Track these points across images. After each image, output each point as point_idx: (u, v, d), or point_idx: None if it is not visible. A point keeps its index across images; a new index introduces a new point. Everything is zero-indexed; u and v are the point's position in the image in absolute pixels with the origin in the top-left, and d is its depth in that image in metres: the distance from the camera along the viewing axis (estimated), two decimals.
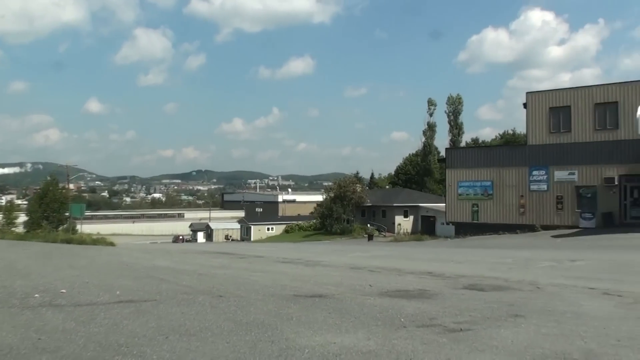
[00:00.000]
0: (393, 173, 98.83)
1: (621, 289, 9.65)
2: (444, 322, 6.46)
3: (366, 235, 53.37)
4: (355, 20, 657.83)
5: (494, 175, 36.98)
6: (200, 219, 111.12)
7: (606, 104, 33.06)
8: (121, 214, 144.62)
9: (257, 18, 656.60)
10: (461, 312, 7.21)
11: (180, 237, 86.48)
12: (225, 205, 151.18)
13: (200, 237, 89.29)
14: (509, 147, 45.15)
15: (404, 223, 62.45)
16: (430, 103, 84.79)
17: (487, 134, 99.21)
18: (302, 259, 18.38)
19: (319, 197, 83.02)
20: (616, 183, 32.19)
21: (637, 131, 27.21)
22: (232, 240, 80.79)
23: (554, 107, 34.90)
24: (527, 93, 36.48)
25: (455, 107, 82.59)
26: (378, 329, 5.97)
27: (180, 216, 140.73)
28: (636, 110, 28.30)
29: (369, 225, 60.37)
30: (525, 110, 36.14)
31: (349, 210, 63.47)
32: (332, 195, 66.54)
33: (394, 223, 62.03)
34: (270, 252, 24.32)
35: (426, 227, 56.90)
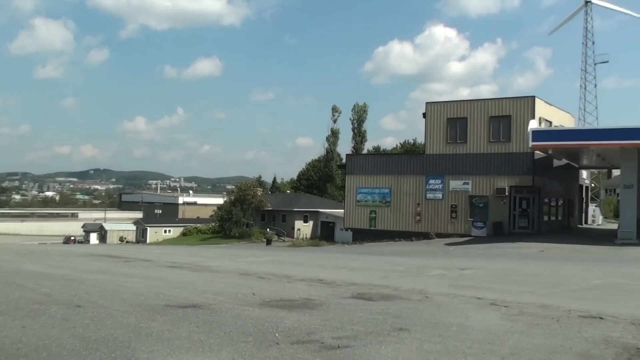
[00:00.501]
0: (295, 178, 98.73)
1: (507, 299, 9.53)
2: (322, 337, 5.92)
3: (265, 240, 52.71)
4: (266, 25, 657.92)
5: (392, 182, 37.37)
6: (95, 219, 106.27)
7: (500, 117, 34.18)
8: (9, 212, 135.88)
9: (165, 15, 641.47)
10: (343, 325, 6.71)
11: (72, 238, 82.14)
12: (122, 205, 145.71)
13: (94, 238, 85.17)
14: (407, 156, 45.93)
15: (303, 228, 62.24)
16: (335, 110, 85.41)
17: (389, 143, 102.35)
18: (192, 264, 17.52)
19: (221, 200, 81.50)
20: (507, 194, 33.33)
21: (528, 144, 28.16)
22: (127, 242, 77.65)
23: (452, 118, 35.73)
24: (426, 103, 37.18)
25: (360, 116, 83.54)
26: (246, 347, 5.34)
27: (74, 216, 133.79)
28: (528, 124, 29.32)
29: (268, 229, 59.66)
30: (424, 120, 36.78)
31: (249, 214, 62.53)
32: (233, 198, 65.34)
33: (293, 228, 61.65)
34: (161, 256, 23.24)
35: (326, 233, 56.90)
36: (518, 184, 33.60)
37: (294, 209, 64.00)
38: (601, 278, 13.00)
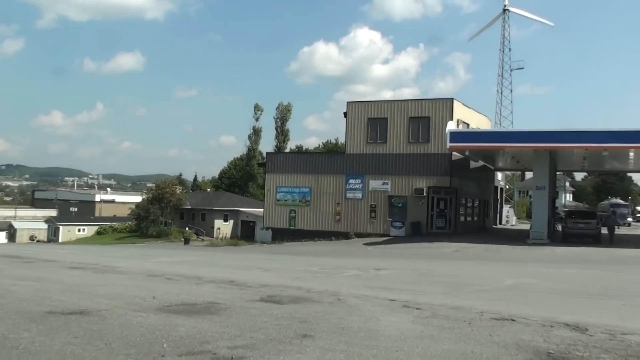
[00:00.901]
0: (217, 176, 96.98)
1: (421, 301, 9.27)
2: (216, 347, 5.37)
3: (183, 239, 51.30)
4: (190, 21, 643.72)
5: (313, 182, 37.06)
6: (5, 217, 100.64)
7: (420, 118, 34.49)
8: None
9: (84, 6, 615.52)
10: (243, 332, 6.18)
11: None
12: (36, 203, 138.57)
13: (2, 237, 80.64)
14: (328, 155, 45.76)
15: (223, 227, 61.02)
16: (257, 108, 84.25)
17: (313, 143, 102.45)
18: (99, 264, 16.52)
19: (140, 198, 78.87)
20: (425, 194, 33.66)
21: (446, 145, 28.48)
22: (38, 241, 73.86)
23: (372, 118, 35.76)
24: (347, 103, 37.04)
25: (283, 115, 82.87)
26: None
27: None
28: (446, 126, 29.65)
29: (187, 228, 58.18)
30: (345, 119, 36.65)
31: (167, 212, 60.76)
32: (150, 196, 63.30)
33: (213, 227, 60.34)
34: (68, 256, 21.95)
35: (246, 232, 55.97)
36: (436, 185, 34.00)
37: (214, 208, 62.69)
38: (513, 278, 13.02)
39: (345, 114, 36.73)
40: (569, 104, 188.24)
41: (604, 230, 29.53)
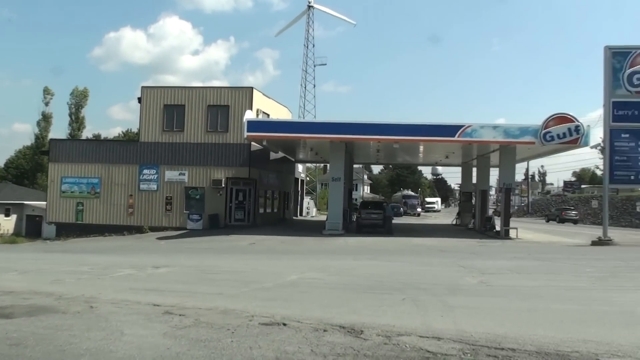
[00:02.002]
0: (3, 167, 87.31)
1: (188, 305, 8.10)
2: None
3: None
4: None
5: (103, 172, 34.05)
6: None
7: (219, 106, 33.20)
8: None
9: None
10: None
11: None
12: None
13: None
14: (120, 143, 42.49)
15: (5, 223, 54.72)
16: (47, 92, 76.59)
17: (117, 133, 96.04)
18: None
19: None
20: (223, 185, 32.50)
21: (244, 135, 27.57)
22: None
23: (169, 105, 33.71)
24: (142, 87, 34.58)
25: (79, 101, 76.56)
26: None
27: None
28: (245, 115, 28.73)
29: None
30: (139, 105, 34.22)
31: None
32: None
33: None
34: None
35: (32, 228, 50.57)
36: (235, 176, 33.01)
37: None
38: (299, 272, 12.29)
39: (139, 100, 34.27)
40: (369, 101, 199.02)
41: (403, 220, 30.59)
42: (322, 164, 67.59)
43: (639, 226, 46.17)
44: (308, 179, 65.86)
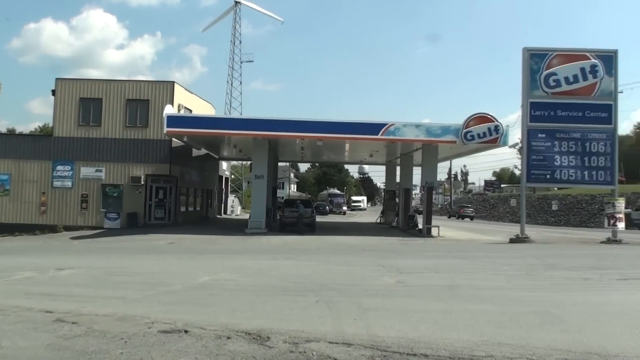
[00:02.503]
0: None
1: (84, 311, 7.55)
2: None
3: None
4: None
5: (13, 168, 32.11)
6: None
7: (138, 100, 31.92)
8: None
9: None
10: None
11: None
12: None
13: None
14: (32, 138, 40.10)
15: None
16: None
17: (35, 127, 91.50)
18: None
19: None
20: (142, 183, 31.34)
21: (164, 130, 26.64)
22: None
23: (85, 98, 32.13)
24: (56, 79, 32.79)
25: None
26: None
27: None
28: (164, 110, 27.75)
29: None
30: (53, 98, 32.52)
31: None
32: None
33: None
34: None
35: None
36: (155, 173, 31.89)
37: None
38: (213, 274, 11.75)
39: (53, 92, 32.57)
40: (299, 100, 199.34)
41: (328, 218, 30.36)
42: (249, 162, 66.87)
43: (554, 224, 47.91)
44: (233, 176, 64.92)
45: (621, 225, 24.67)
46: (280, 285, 10.09)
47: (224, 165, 49.21)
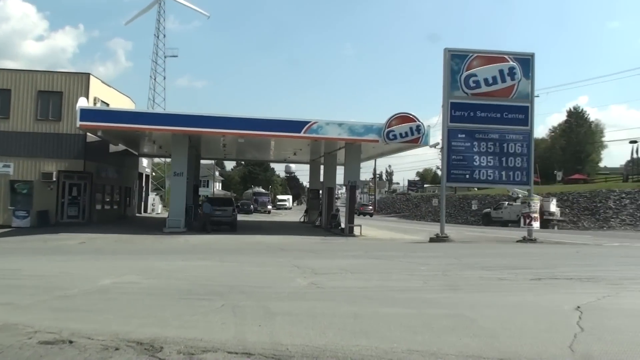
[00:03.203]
0: None
1: None
2: None
3: None
4: None
5: None
6: None
7: (50, 92, 30.30)
8: None
9: None
10: None
11: None
12: None
13: None
14: None
15: None
16: None
17: None
18: None
19: None
20: (54, 179, 29.80)
21: (77, 124, 25.38)
22: None
23: None
24: None
25: None
26: None
27: None
28: (78, 102, 26.46)
29: None
30: None
31: None
32: None
33: None
34: None
35: None
36: (68, 169, 30.39)
37: None
38: (116, 276, 11.04)
39: None
40: (227, 97, 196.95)
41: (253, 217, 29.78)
42: (170, 159, 65.29)
43: (474, 223, 49.00)
44: (155, 174, 63.18)
45: (536, 224, 25.36)
46: (186, 289, 9.53)
47: (145, 162, 47.71)
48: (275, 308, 7.75)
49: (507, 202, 43.75)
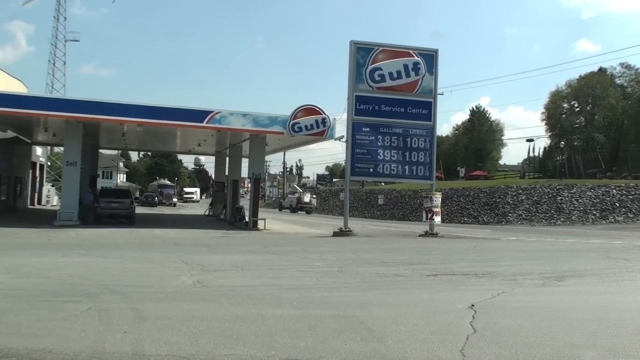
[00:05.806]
0: None
1: None
2: None
3: None
4: None
5: None
6: None
7: None
8: None
9: None
10: None
11: None
12: None
13: None
14: None
15: None
16: None
17: None
18: None
19: None
20: None
21: None
22: None
23: None
24: None
25: None
26: None
27: None
28: None
29: None
30: None
31: None
32: None
33: None
34: None
35: None
36: None
37: None
38: None
39: None
40: (135, 87, 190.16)
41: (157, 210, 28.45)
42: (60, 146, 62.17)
43: (380, 217, 49.56)
44: (51, 164, 59.85)
45: (438, 219, 25.60)
46: (53, 289, 8.57)
47: (39, 150, 44.96)
48: (148, 311, 7.02)
49: (289, 194, 67.12)
